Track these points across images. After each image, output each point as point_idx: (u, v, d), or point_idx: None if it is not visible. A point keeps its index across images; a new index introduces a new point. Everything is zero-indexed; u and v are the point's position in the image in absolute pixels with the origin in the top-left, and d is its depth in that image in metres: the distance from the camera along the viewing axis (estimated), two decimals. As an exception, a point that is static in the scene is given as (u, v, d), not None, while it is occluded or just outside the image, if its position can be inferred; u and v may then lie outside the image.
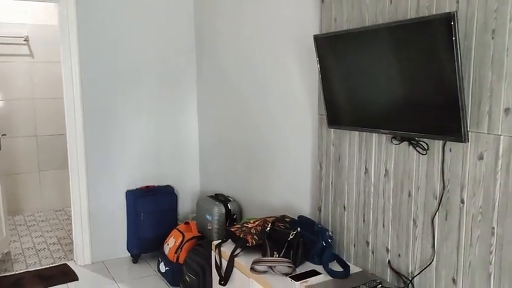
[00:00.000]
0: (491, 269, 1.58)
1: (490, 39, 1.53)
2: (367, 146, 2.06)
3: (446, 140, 1.66)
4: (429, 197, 1.79)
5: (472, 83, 1.59)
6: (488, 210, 1.58)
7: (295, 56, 2.57)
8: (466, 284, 1.67)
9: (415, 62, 1.68)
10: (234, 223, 3.18)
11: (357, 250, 2.16)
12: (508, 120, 1.49)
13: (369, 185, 2.07)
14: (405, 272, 1.91)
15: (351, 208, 2.18)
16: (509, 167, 1.50)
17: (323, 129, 2.31)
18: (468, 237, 1.65)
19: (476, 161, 1.60)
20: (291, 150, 2.68)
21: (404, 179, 1.89)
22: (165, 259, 3.18)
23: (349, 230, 2.20)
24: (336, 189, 2.26)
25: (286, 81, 2.67)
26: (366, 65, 1.88)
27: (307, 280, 2.00)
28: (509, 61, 1.48)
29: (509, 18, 1.47)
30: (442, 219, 1.74)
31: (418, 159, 1.82)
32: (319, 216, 2.39)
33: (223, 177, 3.53)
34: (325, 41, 2.06)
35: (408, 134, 1.78)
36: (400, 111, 1.79)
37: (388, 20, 1.89)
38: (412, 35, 1.66)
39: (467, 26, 1.59)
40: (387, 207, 1.98)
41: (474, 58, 1.58)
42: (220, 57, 3.42)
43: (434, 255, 1.78)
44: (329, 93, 2.12)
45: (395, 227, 1.95)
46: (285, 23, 2.64)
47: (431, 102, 1.65)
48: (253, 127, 3.06)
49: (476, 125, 1.59)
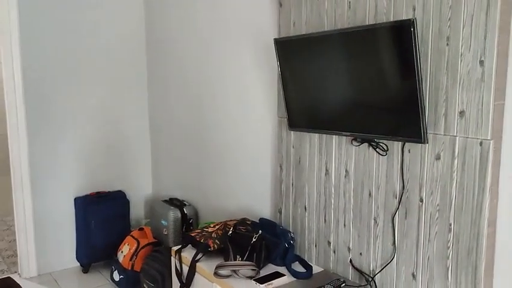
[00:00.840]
0: (448, 263, 1.66)
1: (445, 46, 1.61)
2: (327, 148, 2.10)
3: (406, 141, 1.73)
4: (389, 196, 1.85)
5: (429, 87, 1.67)
6: (446, 208, 1.66)
7: (254, 59, 2.57)
8: (425, 278, 1.75)
9: (375, 66, 1.73)
10: (190, 228, 3.14)
11: (318, 250, 2.20)
12: (462, 122, 1.58)
13: (330, 186, 2.11)
14: (367, 270, 1.97)
15: (312, 209, 2.22)
16: (464, 166, 1.59)
17: (283, 131, 2.33)
18: (427, 234, 1.73)
19: (434, 161, 1.68)
20: (250, 152, 2.68)
21: (365, 179, 1.95)
22: (119, 267, 3.07)
23: (311, 231, 2.24)
24: (297, 190, 2.29)
25: (245, 84, 2.67)
26: (327, 68, 1.92)
27: (271, 282, 2.01)
28: (463, 66, 1.56)
29: (462, 26, 1.56)
30: (402, 217, 1.81)
31: (378, 160, 1.88)
32: (279, 218, 2.41)
33: (177, 181, 3.47)
34: (285, 44, 2.08)
35: (369, 136, 1.84)
36: (361, 114, 1.84)
37: (347, 25, 1.94)
38: (373, 40, 1.71)
39: (424, 33, 1.66)
40: (348, 207, 2.03)
41: (430, 63, 1.66)
42: (173, 58, 3.36)
43: (395, 253, 1.85)
44: (290, 96, 2.14)
45: (357, 226, 2.00)
46: (243, 26, 2.64)
47: (392, 105, 1.71)
48: (209, 130, 3.04)
49: (434, 126, 1.66)
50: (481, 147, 1.54)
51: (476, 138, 1.55)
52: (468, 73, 1.55)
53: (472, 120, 1.55)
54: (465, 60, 1.56)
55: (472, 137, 1.56)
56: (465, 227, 1.60)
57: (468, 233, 1.59)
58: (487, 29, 1.49)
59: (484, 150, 1.53)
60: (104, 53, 3.50)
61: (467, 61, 1.55)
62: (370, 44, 1.73)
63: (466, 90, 1.56)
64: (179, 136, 3.39)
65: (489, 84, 1.50)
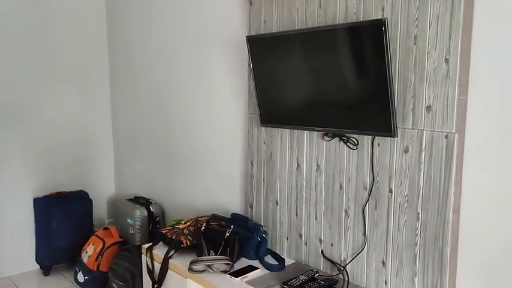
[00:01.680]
0: (417, 250, 1.76)
1: (413, 44, 1.71)
2: (299, 143, 2.16)
3: (376, 135, 1.81)
4: (359, 188, 1.93)
5: (397, 84, 1.76)
6: (414, 198, 1.76)
7: (223, 57, 2.60)
8: (394, 265, 1.84)
9: (346, 64, 1.80)
10: (157, 226, 3.12)
11: (290, 243, 2.26)
12: (429, 116, 1.68)
13: (301, 180, 2.17)
14: (338, 260, 2.04)
15: (284, 203, 2.27)
16: (431, 158, 1.69)
17: (254, 128, 2.37)
18: (396, 223, 1.82)
19: (403, 154, 1.77)
20: (220, 149, 2.70)
21: (336, 172, 2.02)
22: (83, 268, 3.00)
23: (282, 224, 2.29)
24: (268, 185, 2.34)
25: (214, 82, 2.69)
26: (299, 66, 1.98)
27: (246, 275, 2.05)
28: (429, 64, 1.66)
29: (428, 25, 1.65)
30: (372, 208, 1.90)
31: (349, 153, 1.96)
32: (251, 213, 2.45)
33: (142, 180, 3.43)
34: (258, 42, 2.12)
35: (340, 130, 1.91)
36: (332, 110, 1.91)
37: (317, 24, 2.00)
38: (345, 39, 1.78)
39: (392, 32, 1.75)
40: (319, 200, 2.10)
41: (399, 61, 1.75)
42: (137, 57, 3.32)
43: (365, 242, 1.93)
44: (262, 93, 2.18)
45: (328, 218, 2.07)
46: (211, 25, 2.65)
47: (363, 101, 1.79)
48: (176, 128, 3.03)
49: (402, 121, 1.76)
50: (446, 139, 1.64)
51: (442, 132, 1.65)
52: (434, 70, 1.65)
53: (438, 115, 1.65)
54: (431, 58, 1.65)
55: (438, 131, 1.66)
56: (432, 215, 1.70)
57: (435, 220, 1.70)
58: (452, 29, 1.59)
59: (449, 142, 1.63)
60: (65, 53, 3.40)
61: (434, 59, 1.65)
62: (342, 43, 1.80)
63: (432, 87, 1.66)
64: (144, 135, 3.35)
65: (454, 80, 1.60)
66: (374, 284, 1.91)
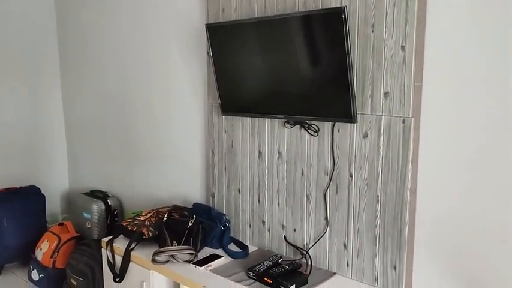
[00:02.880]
0: (376, 231, 1.83)
1: (370, 32, 1.75)
2: (260, 131, 2.18)
3: (337, 121, 1.86)
4: (321, 174, 1.98)
5: (356, 71, 1.81)
6: (373, 181, 1.82)
7: (180, 47, 2.56)
8: (355, 247, 1.90)
9: (307, 51, 1.83)
10: (115, 219, 3.05)
11: (253, 230, 2.28)
12: (387, 102, 1.74)
13: (263, 167, 2.19)
14: (301, 245, 2.09)
15: (246, 191, 2.28)
16: (389, 143, 1.75)
17: (214, 116, 2.36)
18: (356, 206, 1.88)
19: (362, 139, 1.83)
20: (180, 140, 2.68)
21: (297, 159, 2.05)
22: (38, 266, 2.89)
23: (245, 212, 2.30)
24: (230, 174, 2.34)
25: (172, 70, 2.65)
26: (260, 54, 1.98)
27: (210, 264, 2.05)
28: (387, 51, 1.72)
29: (385, 13, 1.71)
30: (333, 193, 1.95)
31: (310, 140, 2.00)
32: (213, 202, 2.45)
33: (98, 173, 3.34)
34: (218, 30, 2.11)
35: (301, 117, 1.94)
36: (293, 97, 1.93)
37: (277, 12, 2.02)
38: (305, 27, 1.80)
39: (351, 20, 1.79)
40: (281, 187, 2.13)
41: (357, 49, 1.80)
42: (90, 50, 3.21)
43: (327, 226, 1.98)
44: (222, 81, 2.18)
45: (290, 204, 2.11)
46: (169, 12, 2.61)
47: (323, 88, 1.83)
48: (133, 117, 2.97)
49: (361, 107, 1.81)
50: (403, 124, 1.71)
51: (400, 117, 1.71)
52: (391, 57, 1.71)
53: (395, 100, 1.72)
54: (388, 46, 1.71)
55: (395, 116, 1.72)
56: (391, 197, 1.77)
57: (393, 202, 1.77)
58: (407, 17, 1.65)
59: (406, 127, 1.70)
60: (12, 43, 3.24)
61: (391, 46, 1.70)
62: (302, 31, 1.82)
63: (389, 73, 1.72)
64: (99, 126, 3.26)
65: (410, 67, 1.67)
66: (336, 266, 1.97)
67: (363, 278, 1.89)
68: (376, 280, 1.85)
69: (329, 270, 1.99)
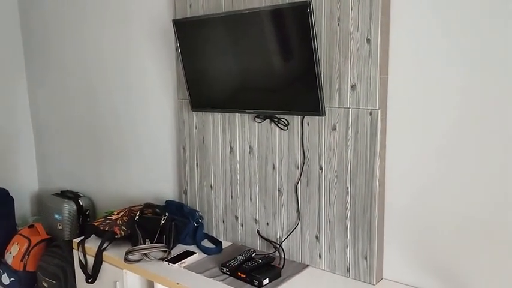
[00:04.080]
0: (347, 223, 1.85)
1: (336, 26, 1.77)
2: (231, 126, 2.17)
3: (306, 115, 1.87)
4: (291, 167, 1.99)
5: (323, 64, 1.82)
6: (343, 173, 1.84)
7: (149, 43, 2.53)
8: (327, 239, 1.92)
9: (274, 46, 1.83)
10: (87, 219, 3.01)
11: (226, 226, 2.28)
12: (354, 95, 1.76)
13: (235, 162, 2.19)
14: (274, 238, 2.10)
15: (218, 187, 2.28)
16: (357, 135, 1.78)
17: (184, 113, 2.35)
18: (327, 199, 1.90)
19: (331, 132, 1.85)
20: (151, 137, 2.65)
21: (268, 153, 2.06)
22: (8, 269, 2.83)
23: (218, 208, 2.30)
24: (202, 170, 2.33)
25: (141, 66, 2.62)
26: (227, 49, 1.98)
27: (184, 261, 2.04)
28: (352, 45, 1.74)
29: (350, 7, 1.72)
30: (304, 186, 1.96)
31: (280, 134, 2.01)
32: (185, 199, 2.43)
33: (69, 173, 3.28)
34: (185, 25, 2.09)
35: (270, 112, 1.95)
36: (262, 92, 1.94)
37: (244, 6, 2.01)
38: (272, 21, 1.81)
39: (317, 14, 1.80)
40: (253, 182, 2.14)
41: (324, 42, 1.81)
42: (56, 48, 3.14)
43: (299, 219, 2.00)
44: (191, 77, 2.16)
45: (262, 199, 2.12)
46: (135, 8, 2.57)
47: (291, 82, 1.84)
48: (103, 115, 2.92)
49: (329, 100, 1.83)
50: (370, 116, 1.73)
51: (367, 109, 1.74)
52: (357, 50, 1.73)
53: (362, 93, 1.74)
54: (354, 39, 1.73)
55: (362, 108, 1.75)
56: (360, 189, 1.80)
57: (363, 194, 1.79)
58: (372, 10, 1.67)
59: (373, 119, 1.73)
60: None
61: (356, 40, 1.72)
62: (269, 25, 1.82)
63: (356, 66, 1.74)
64: (69, 126, 3.19)
65: (375, 60, 1.69)
66: (309, 258, 1.99)
67: (335, 269, 1.91)
68: (348, 271, 1.87)
69: (302, 262, 2.01)
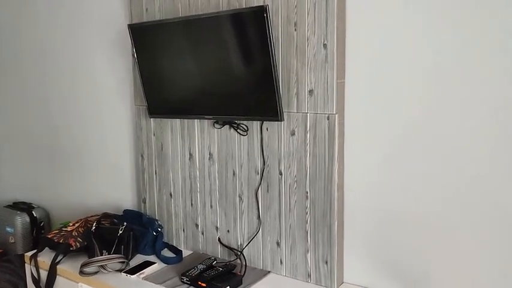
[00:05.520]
0: (307, 228, 1.85)
1: (293, 31, 1.77)
2: (189, 133, 2.14)
3: (265, 120, 1.86)
4: (252, 173, 1.97)
5: (281, 70, 1.82)
6: (302, 178, 1.84)
7: (106, 47, 2.47)
8: (288, 244, 1.91)
9: (232, 51, 1.82)
10: (42, 231, 2.89)
11: (187, 234, 2.24)
12: (312, 99, 1.76)
13: (195, 169, 2.15)
14: (235, 246, 2.07)
15: (178, 195, 2.23)
16: (315, 140, 1.78)
17: (142, 119, 2.29)
18: (287, 204, 1.89)
19: (290, 137, 1.84)
20: (108, 144, 2.58)
21: (228, 159, 2.03)
22: (-44, 287, 2.68)
23: (178, 216, 2.25)
24: (161, 178, 2.28)
25: (97, 73, 2.55)
26: (185, 54, 1.95)
27: (143, 272, 1.99)
28: (309, 50, 1.74)
29: (307, 12, 1.73)
30: (265, 191, 1.95)
31: (240, 140, 1.99)
32: (144, 208, 2.37)
33: (22, 183, 3.15)
34: (141, 30, 2.04)
35: (229, 117, 1.93)
36: (220, 97, 1.91)
37: (201, 11, 1.99)
38: (229, 26, 1.79)
39: (274, 19, 1.80)
40: (214, 189, 2.10)
41: (281, 47, 1.81)
42: (9, 42, 3.02)
43: (260, 225, 1.98)
44: (148, 83, 2.12)
45: (223, 206, 2.09)
46: (90, 13, 2.50)
47: (250, 87, 1.82)
48: (58, 123, 2.82)
49: (288, 105, 1.82)
50: (328, 121, 1.74)
51: (324, 114, 1.74)
52: (314, 55, 1.73)
53: (319, 98, 1.74)
54: (311, 44, 1.73)
55: (320, 113, 1.75)
56: (319, 193, 1.80)
57: (322, 198, 1.79)
58: (328, 15, 1.68)
59: (331, 123, 1.73)
60: None
61: (313, 45, 1.73)
62: (226, 30, 1.80)
63: (313, 71, 1.74)
64: (21, 135, 3.07)
65: (332, 65, 1.70)
66: (270, 265, 1.97)
67: (296, 275, 1.90)
68: (309, 276, 1.87)
69: (264, 269, 1.99)
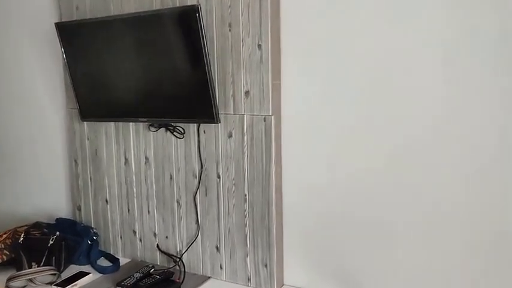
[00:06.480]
0: (246, 231, 1.82)
1: (228, 31, 1.74)
2: (125, 136, 2.06)
3: (201, 122, 1.82)
4: (189, 177, 1.92)
5: (217, 71, 1.78)
6: (240, 181, 1.81)
7: (34, 48, 2.34)
8: (227, 248, 1.88)
9: (166, 52, 1.76)
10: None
11: (124, 241, 2.15)
12: (248, 101, 1.74)
13: (131, 174, 2.08)
14: (174, 252, 2.01)
15: (114, 201, 2.15)
16: (253, 141, 1.75)
17: (75, 123, 2.19)
18: (226, 207, 1.86)
19: (227, 139, 1.81)
20: (40, 149, 2.44)
21: (165, 163, 1.97)
22: None
23: (114, 223, 2.17)
24: (96, 184, 2.19)
25: (26, 74, 2.41)
26: (117, 55, 1.87)
27: (75, 283, 1.89)
28: (245, 50, 1.71)
29: (241, 12, 1.70)
30: (203, 195, 1.90)
31: (176, 143, 1.93)
32: (79, 215, 2.27)
33: None
34: (70, 29, 1.94)
35: (165, 120, 1.87)
36: (155, 99, 1.85)
37: (133, 10, 1.91)
38: (159, 26, 1.73)
39: (208, 19, 1.76)
40: (151, 193, 2.04)
41: (217, 48, 1.77)
42: None
43: (199, 230, 1.93)
44: (80, 85, 2.02)
45: (161, 211, 2.02)
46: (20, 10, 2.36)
47: (185, 89, 1.77)
48: (-16, 128, 2.65)
49: (224, 107, 1.79)
50: (265, 122, 1.72)
51: (261, 115, 1.72)
52: (249, 56, 1.70)
53: (256, 99, 1.72)
54: (246, 45, 1.71)
55: (257, 114, 1.73)
56: (257, 196, 1.78)
57: (260, 200, 1.77)
58: (261, 16, 1.66)
59: (267, 125, 1.71)
60: None
61: (248, 45, 1.70)
62: (159, 30, 1.74)
63: (249, 72, 1.72)
64: None
65: (267, 65, 1.68)
66: (210, 270, 1.93)
67: (236, 279, 1.87)
68: (249, 280, 1.84)
69: (203, 274, 1.95)
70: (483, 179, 1.45)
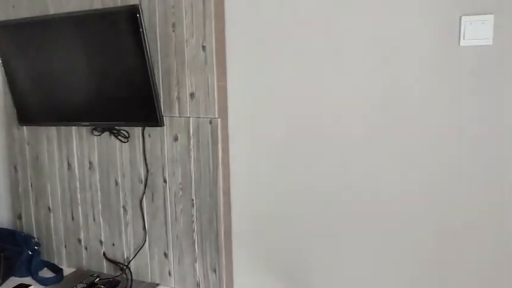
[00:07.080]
0: (195, 236, 1.78)
1: (172, 32, 1.69)
2: (67, 141, 1.97)
3: (145, 126, 1.76)
4: (135, 182, 1.87)
5: (161, 72, 1.73)
6: (187, 185, 1.77)
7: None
8: (176, 254, 1.83)
9: (105, 53, 1.69)
10: None
11: (68, 250, 2.07)
12: (193, 103, 1.70)
13: (74, 180, 1.99)
14: (121, 259, 1.95)
15: (57, 208, 2.06)
16: (199, 144, 1.72)
17: (14, 128, 2.08)
18: (173, 213, 1.81)
19: (173, 142, 1.76)
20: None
21: (110, 168, 1.91)
22: None
23: (58, 231, 2.07)
24: (37, 191, 2.09)
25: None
26: (57, 56, 1.79)
27: (15, 297, 1.80)
28: (188, 51, 1.68)
29: (184, 13, 1.66)
30: (149, 200, 1.85)
31: (121, 147, 1.87)
32: (20, 224, 2.16)
33: None
34: (5, 29, 1.84)
35: (108, 124, 1.80)
36: (97, 103, 1.78)
37: (72, 9, 1.84)
38: (100, 26, 1.67)
39: (151, 19, 1.71)
40: (96, 200, 1.96)
41: (160, 49, 1.72)
42: None
43: (146, 236, 1.88)
44: (17, 88, 1.92)
45: (106, 218, 1.95)
46: None
47: (127, 91, 1.71)
48: None
49: (169, 109, 1.74)
50: (211, 125, 1.68)
51: (207, 117, 1.69)
52: (193, 58, 1.67)
53: (201, 101, 1.68)
54: (190, 46, 1.67)
55: (203, 117, 1.69)
56: (205, 200, 1.74)
57: (208, 204, 1.74)
58: (205, 17, 1.63)
59: (213, 127, 1.68)
60: None
61: (192, 46, 1.66)
62: (99, 30, 1.68)
63: (193, 74, 1.68)
64: None
65: (211, 67, 1.65)
66: (159, 277, 1.88)
67: (186, 285, 1.83)
68: (198, 285, 1.80)
69: (152, 281, 1.89)
70: (421, 173, 1.48)
